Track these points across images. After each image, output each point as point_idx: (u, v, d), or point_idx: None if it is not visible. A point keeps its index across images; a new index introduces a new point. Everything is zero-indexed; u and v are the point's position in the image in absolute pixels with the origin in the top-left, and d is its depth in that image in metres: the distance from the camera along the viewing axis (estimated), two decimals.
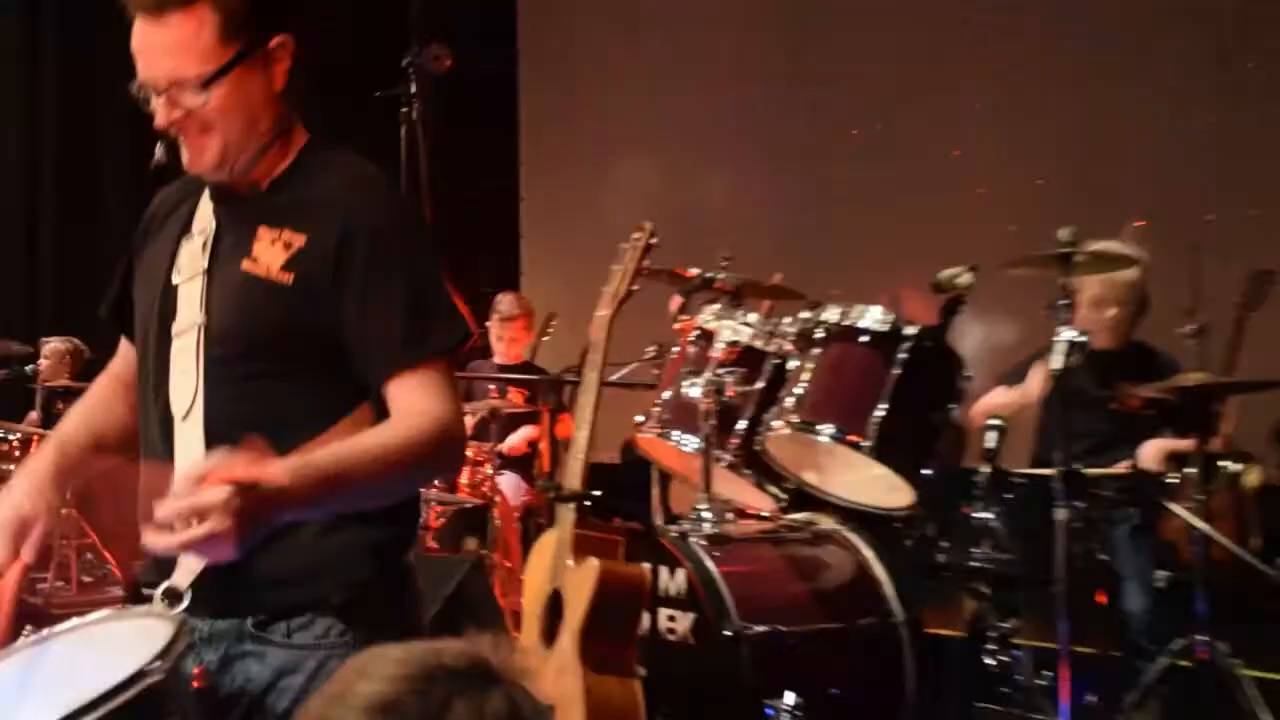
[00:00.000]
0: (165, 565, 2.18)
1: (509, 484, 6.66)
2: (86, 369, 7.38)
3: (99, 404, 2.48)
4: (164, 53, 2.13)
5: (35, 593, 6.60)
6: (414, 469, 2.19)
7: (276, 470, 2.02)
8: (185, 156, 2.22)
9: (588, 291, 3.87)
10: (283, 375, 2.21)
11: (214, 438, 2.17)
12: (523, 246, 9.64)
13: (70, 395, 7.15)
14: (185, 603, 2.16)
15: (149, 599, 2.19)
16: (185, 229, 2.32)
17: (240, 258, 2.23)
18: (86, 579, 7.08)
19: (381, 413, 2.20)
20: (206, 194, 2.31)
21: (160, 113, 2.16)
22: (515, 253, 9.66)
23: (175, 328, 2.28)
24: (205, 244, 2.28)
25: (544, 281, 9.20)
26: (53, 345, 7.36)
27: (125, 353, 2.49)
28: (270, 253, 2.21)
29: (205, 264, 2.27)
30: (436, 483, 6.33)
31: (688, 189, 8.46)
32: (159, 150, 2.31)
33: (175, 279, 2.29)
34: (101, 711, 1.90)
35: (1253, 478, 4.95)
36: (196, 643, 2.22)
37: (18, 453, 7.01)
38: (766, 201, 8.14)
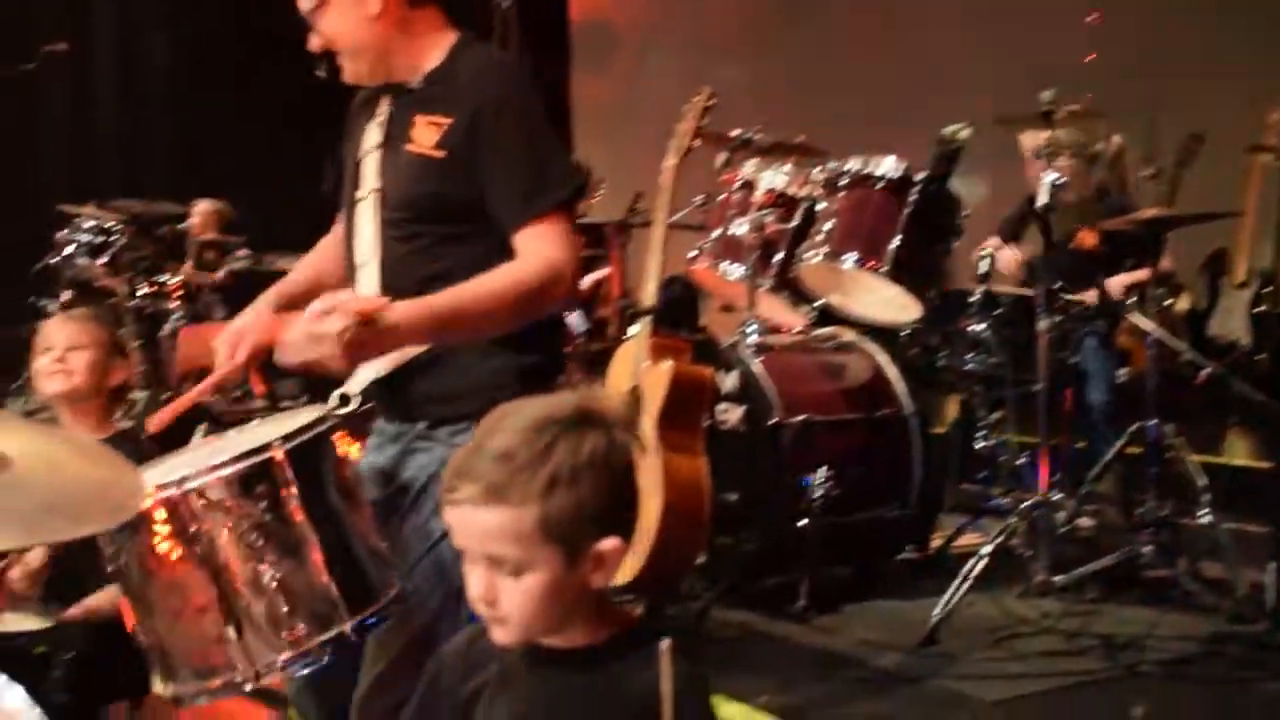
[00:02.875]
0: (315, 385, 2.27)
1: (574, 319, 6.69)
2: (230, 226, 7.38)
3: (320, 254, 2.54)
4: None
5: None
6: (522, 307, 2.17)
7: (391, 310, 2.06)
8: (343, 72, 2.28)
9: (625, 160, 3.85)
10: (441, 235, 2.25)
11: (386, 283, 2.24)
12: (573, 122, 9.53)
13: (216, 247, 7.18)
14: (352, 405, 2.24)
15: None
16: (371, 116, 2.35)
17: (405, 139, 2.26)
18: (235, 393, 7.16)
19: None
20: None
21: (312, 40, 2.24)
22: (568, 128, 9.56)
23: (359, 194, 2.33)
24: (381, 126, 2.32)
25: (588, 153, 9.11)
26: (202, 206, 7.33)
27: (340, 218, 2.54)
28: (425, 133, 2.24)
29: (381, 141, 2.30)
30: None
31: (721, 68, 8.24)
32: (321, 67, 2.37)
33: (361, 155, 2.34)
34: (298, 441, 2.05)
35: (1182, 303, 5.00)
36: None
37: (176, 295, 7.06)
38: (792, 73, 7.92)
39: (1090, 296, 4.10)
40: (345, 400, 2.24)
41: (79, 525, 1.79)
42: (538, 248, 2.17)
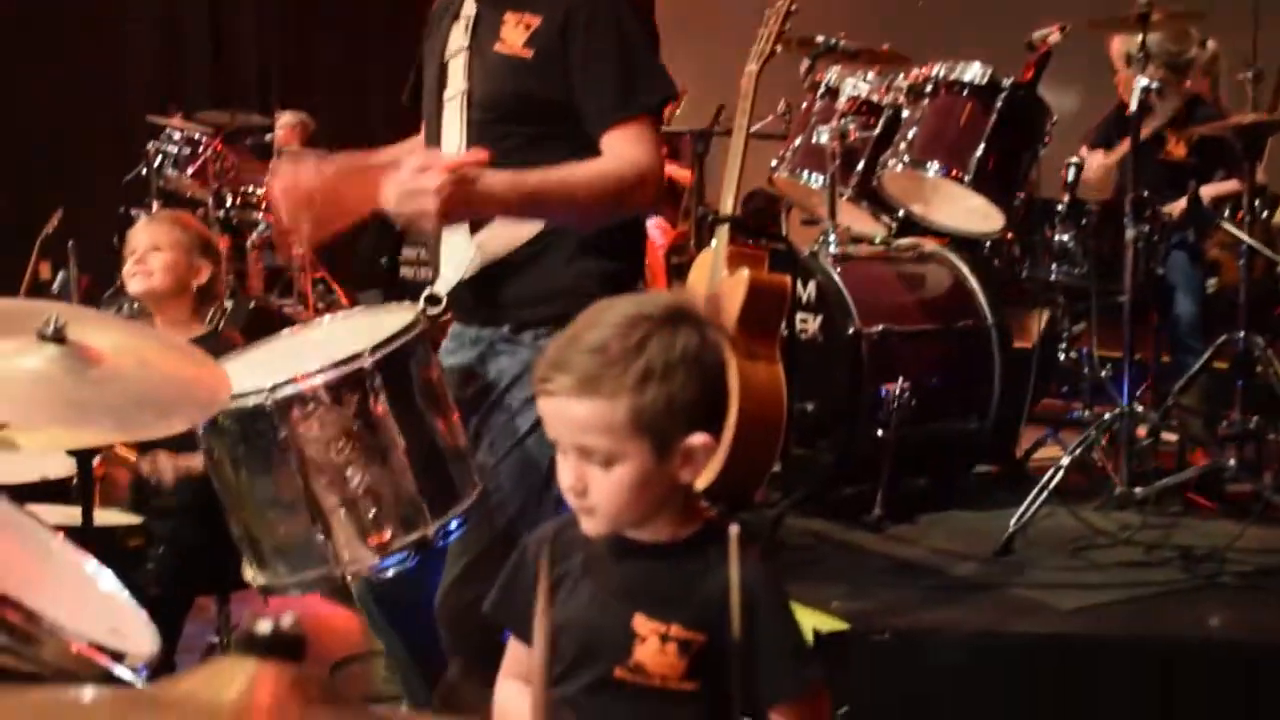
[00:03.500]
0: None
1: (654, 226, 6.68)
2: (312, 139, 7.45)
3: (397, 149, 2.56)
4: None
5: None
6: (606, 201, 2.18)
7: (486, 173, 2.08)
8: None
9: (709, 70, 3.79)
10: (528, 136, 2.26)
11: None
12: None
13: (299, 159, 7.25)
14: (441, 306, 2.27)
15: None
16: (455, 17, 2.34)
17: (493, 39, 2.27)
18: (320, 304, 7.29)
19: None
20: None
21: None
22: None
23: (445, 95, 2.34)
24: (467, 27, 2.32)
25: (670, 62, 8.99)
26: (286, 118, 7.41)
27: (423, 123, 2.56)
28: (514, 33, 2.24)
29: (467, 42, 2.30)
30: None
31: None
32: None
33: (447, 56, 2.34)
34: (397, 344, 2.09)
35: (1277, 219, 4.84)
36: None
37: (262, 205, 7.16)
38: None
39: (1179, 207, 4.01)
40: (435, 301, 2.28)
41: (167, 420, 1.85)
42: (625, 150, 2.18)
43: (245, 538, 2.23)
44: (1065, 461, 3.48)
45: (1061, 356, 4.28)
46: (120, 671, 1.20)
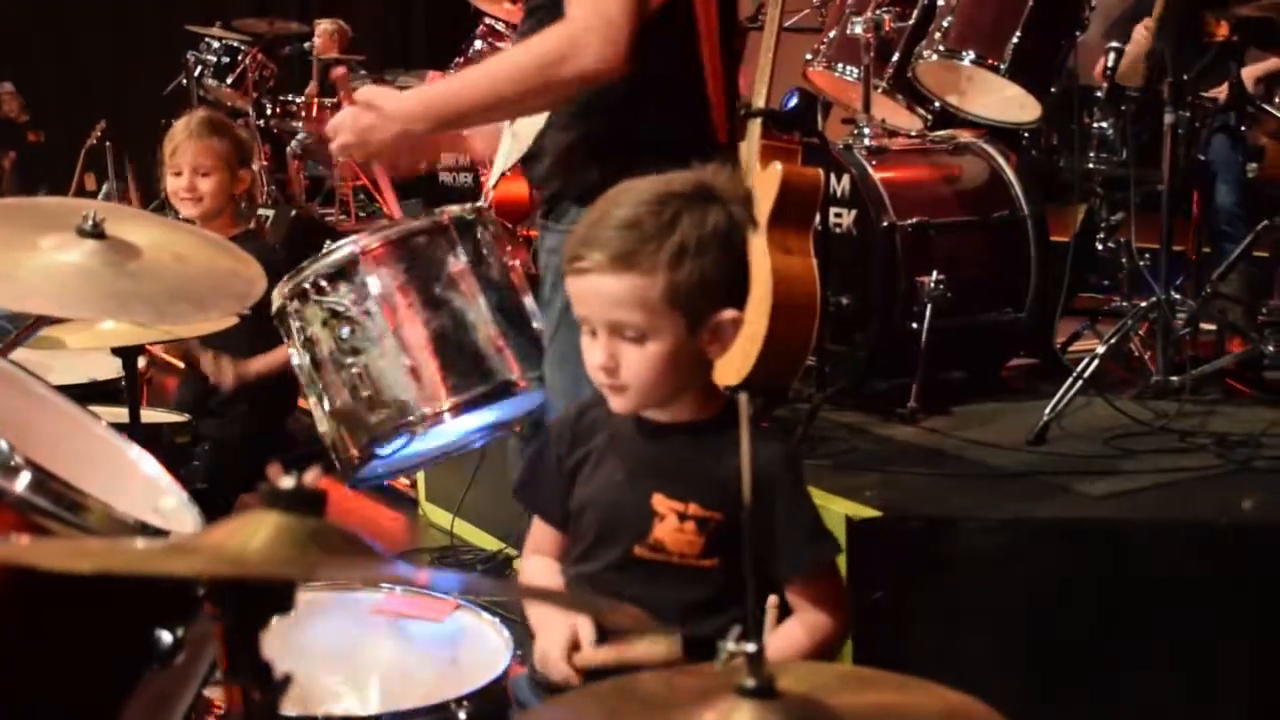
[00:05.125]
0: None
1: None
2: (351, 45, 7.44)
3: None
4: None
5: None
6: (535, 83, 2.06)
7: (390, 96, 2.15)
8: None
9: None
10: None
11: None
12: None
13: (339, 65, 7.25)
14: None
15: None
16: None
17: None
18: (361, 214, 7.35)
19: None
20: None
21: None
22: None
23: None
24: None
25: None
26: (323, 25, 7.41)
27: None
28: None
29: None
30: None
31: None
32: None
33: None
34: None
35: None
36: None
37: (302, 113, 7.19)
38: None
39: (1222, 91, 3.94)
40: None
41: (203, 312, 1.90)
42: (569, 10, 2.04)
43: (339, 411, 2.36)
44: (1100, 350, 3.47)
45: (1100, 247, 4.25)
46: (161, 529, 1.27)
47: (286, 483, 0.92)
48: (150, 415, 2.95)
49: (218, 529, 0.90)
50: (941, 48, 3.84)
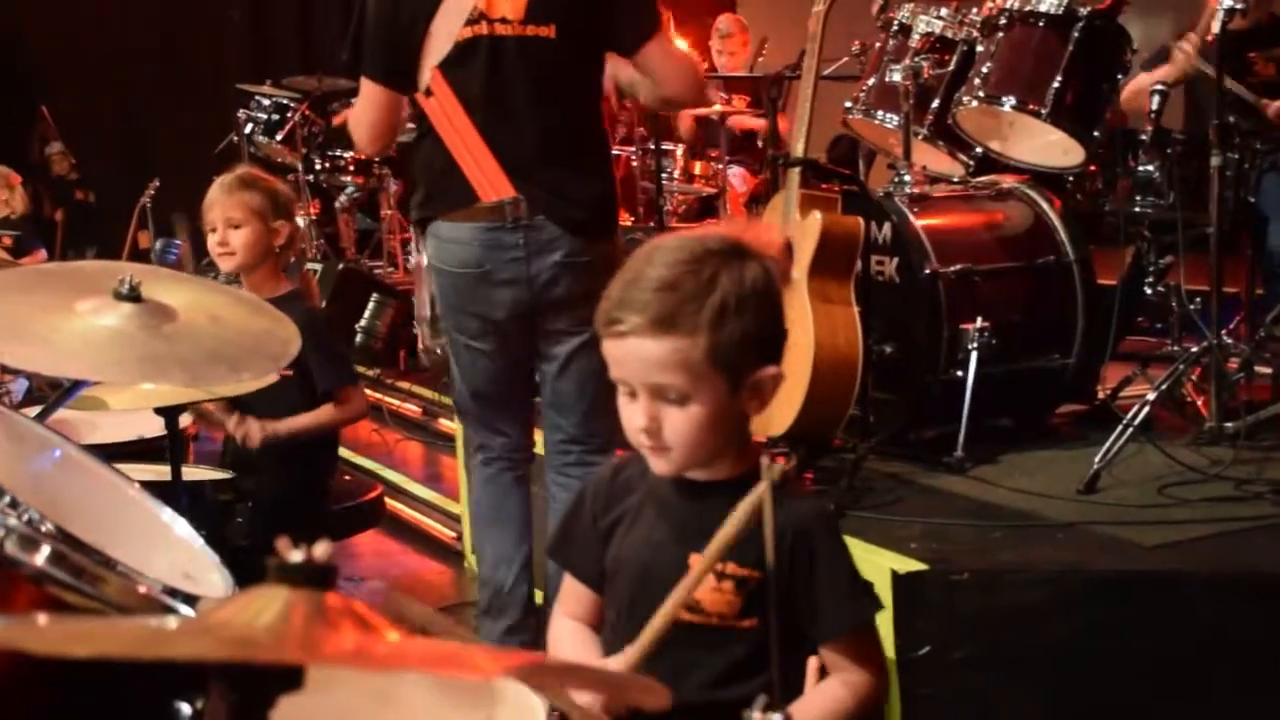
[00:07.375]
0: None
1: (736, 175, 6.66)
2: None
3: None
4: None
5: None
6: None
7: None
8: None
9: (791, 14, 3.74)
10: None
11: None
12: None
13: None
14: None
15: None
16: None
17: None
18: (409, 266, 7.38)
19: None
20: None
21: None
22: None
23: None
24: None
25: (754, 6, 8.94)
26: None
27: None
28: None
29: None
30: (676, 174, 6.40)
31: None
32: None
33: None
34: None
35: None
36: None
37: (350, 170, 7.25)
38: None
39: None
40: None
41: (237, 373, 1.91)
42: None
43: None
44: (1151, 396, 3.41)
45: (1149, 291, 4.18)
46: (178, 607, 1.26)
47: (295, 556, 0.91)
48: (193, 473, 2.96)
49: (226, 605, 0.88)
50: (982, 93, 3.81)
